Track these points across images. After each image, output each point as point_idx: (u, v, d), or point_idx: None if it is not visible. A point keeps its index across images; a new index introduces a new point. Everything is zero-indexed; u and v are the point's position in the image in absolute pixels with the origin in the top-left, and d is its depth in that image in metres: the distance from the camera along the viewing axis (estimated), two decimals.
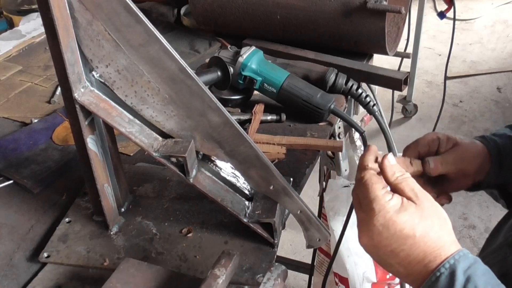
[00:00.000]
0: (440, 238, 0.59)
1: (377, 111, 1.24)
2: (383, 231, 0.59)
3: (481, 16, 4.04)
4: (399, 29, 1.51)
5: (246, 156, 0.80)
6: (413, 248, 0.58)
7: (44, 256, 0.87)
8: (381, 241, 0.59)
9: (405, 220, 0.59)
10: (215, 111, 0.76)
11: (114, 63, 0.73)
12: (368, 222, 0.60)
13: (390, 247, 0.59)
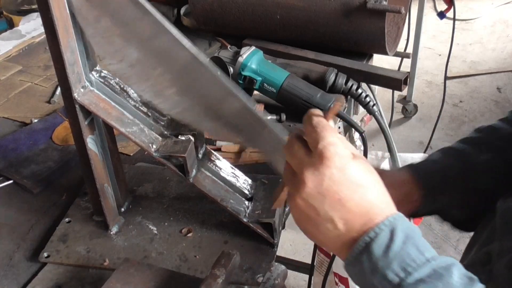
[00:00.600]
0: (385, 193, 0.57)
1: (377, 111, 1.24)
2: (337, 175, 0.54)
3: (481, 16, 4.04)
4: (399, 29, 1.51)
5: (268, 141, 0.74)
6: (363, 198, 0.55)
7: (44, 256, 0.87)
8: (331, 187, 0.54)
9: (360, 168, 0.56)
10: (231, 98, 0.72)
11: (126, 58, 0.72)
12: (320, 168, 0.55)
13: (339, 195, 0.54)
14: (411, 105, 3.00)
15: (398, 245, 0.52)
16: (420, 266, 0.52)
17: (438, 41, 3.68)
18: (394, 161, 1.48)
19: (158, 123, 0.85)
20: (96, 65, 0.80)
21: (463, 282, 0.52)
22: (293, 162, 0.58)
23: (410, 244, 0.53)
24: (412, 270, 0.52)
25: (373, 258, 0.53)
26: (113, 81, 0.81)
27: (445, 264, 0.53)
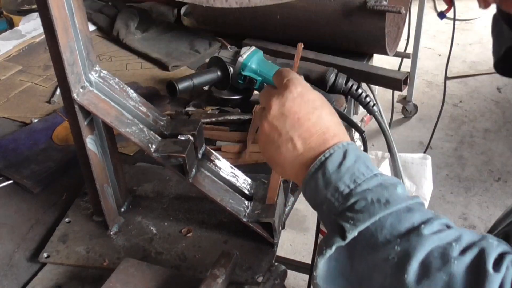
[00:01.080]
0: (340, 123, 0.65)
1: (377, 111, 1.24)
2: (297, 98, 0.63)
3: (481, 16, 4.04)
4: (399, 29, 1.51)
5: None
6: (319, 119, 0.62)
7: (44, 256, 0.87)
8: (292, 107, 0.62)
9: (317, 95, 0.65)
10: None
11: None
12: (283, 94, 0.63)
13: (298, 115, 0.62)
14: (411, 105, 3.00)
15: (349, 162, 0.59)
16: (368, 179, 0.58)
17: (438, 41, 3.68)
18: (394, 161, 1.48)
19: (158, 123, 0.85)
20: (96, 65, 0.80)
21: (407, 194, 0.58)
22: (263, 100, 0.66)
23: (360, 162, 0.60)
24: (361, 182, 0.58)
25: (327, 173, 0.59)
26: (112, 81, 0.81)
27: (391, 180, 0.59)
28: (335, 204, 0.59)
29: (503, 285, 0.51)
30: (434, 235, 0.54)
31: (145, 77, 1.41)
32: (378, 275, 0.55)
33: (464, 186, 2.58)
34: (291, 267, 1.82)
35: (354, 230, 0.56)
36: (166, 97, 1.29)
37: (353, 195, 0.58)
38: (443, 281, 0.51)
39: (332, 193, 0.59)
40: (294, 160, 0.63)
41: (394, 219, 0.56)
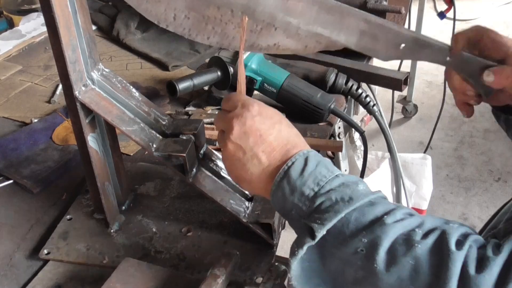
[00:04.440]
0: (299, 134, 0.68)
1: (377, 111, 1.24)
2: (256, 116, 0.66)
3: (481, 16, 4.04)
4: None
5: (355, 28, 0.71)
6: (279, 133, 0.66)
7: (44, 253, 0.87)
8: (253, 125, 0.65)
9: (274, 111, 0.68)
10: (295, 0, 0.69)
11: (178, 11, 0.69)
12: (243, 114, 0.66)
13: (260, 132, 0.65)
14: (411, 105, 3.00)
15: (311, 168, 0.62)
16: (331, 180, 0.61)
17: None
18: (394, 161, 1.49)
19: (159, 122, 0.85)
20: (98, 63, 0.80)
21: (368, 190, 0.62)
22: (221, 124, 0.69)
23: (321, 166, 0.63)
24: (324, 184, 0.61)
25: (292, 180, 0.62)
26: (114, 80, 0.81)
27: (352, 178, 0.63)
28: (303, 208, 0.61)
29: (466, 262, 0.53)
30: (397, 223, 0.57)
31: (145, 77, 1.41)
32: (349, 269, 0.58)
33: (464, 186, 2.58)
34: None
35: (322, 229, 0.58)
36: (166, 97, 1.29)
37: (318, 197, 0.61)
38: (410, 265, 0.54)
39: (299, 198, 0.62)
40: (261, 174, 0.65)
41: (358, 214, 0.58)
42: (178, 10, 0.69)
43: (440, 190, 2.52)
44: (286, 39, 0.72)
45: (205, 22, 0.70)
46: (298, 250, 0.59)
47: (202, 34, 0.71)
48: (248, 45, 0.72)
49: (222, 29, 0.71)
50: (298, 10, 0.70)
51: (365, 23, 0.71)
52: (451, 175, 2.64)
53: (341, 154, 1.55)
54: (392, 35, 0.72)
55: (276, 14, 0.70)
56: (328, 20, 0.70)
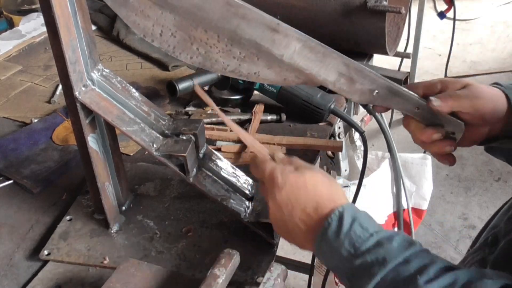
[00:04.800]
0: (330, 190, 0.68)
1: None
2: (283, 188, 0.67)
3: (481, 16, 4.04)
4: (399, 29, 1.51)
5: (336, 71, 0.73)
6: (308, 198, 0.66)
7: (44, 254, 0.87)
8: (282, 199, 0.67)
9: (298, 176, 0.68)
10: (281, 33, 0.70)
11: (165, 28, 0.70)
12: (272, 188, 0.68)
13: (290, 203, 0.67)
14: None
15: (346, 228, 0.62)
16: (365, 240, 0.61)
17: (438, 41, 3.68)
18: (394, 161, 1.48)
19: (159, 122, 0.85)
20: (98, 64, 0.80)
21: (403, 245, 0.60)
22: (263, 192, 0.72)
23: (356, 224, 0.62)
24: (359, 245, 0.61)
25: (329, 243, 0.62)
26: (114, 80, 0.81)
27: (387, 235, 0.62)
28: (344, 268, 0.62)
29: None
30: (429, 284, 0.56)
31: (145, 77, 1.41)
32: None
33: (464, 186, 2.58)
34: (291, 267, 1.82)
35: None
36: (166, 97, 1.29)
37: (355, 259, 0.61)
38: None
39: (339, 259, 0.62)
40: (304, 239, 0.67)
41: (393, 274, 0.58)
42: (166, 27, 0.70)
43: (440, 190, 2.52)
44: (267, 70, 0.73)
45: (190, 42, 0.71)
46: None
47: (186, 53, 0.72)
48: (229, 70, 0.73)
49: (206, 51, 0.72)
50: (282, 44, 0.71)
51: (344, 66, 0.73)
52: (451, 175, 2.64)
53: (341, 154, 1.55)
54: (368, 81, 0.74)
55: (261, 45, 0.71)
56: (310, 58, 0.72)
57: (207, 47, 0.72)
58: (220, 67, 0.73)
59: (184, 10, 0.69)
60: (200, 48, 0.72)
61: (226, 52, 0.72)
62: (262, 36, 0.70)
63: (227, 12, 0.68)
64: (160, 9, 0.69)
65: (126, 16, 0.69)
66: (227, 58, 0.72)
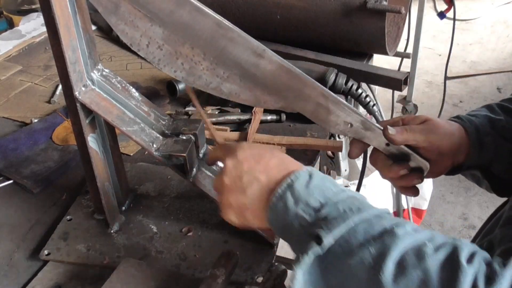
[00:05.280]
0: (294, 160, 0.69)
1: (377, 111, 1.24)
2: (247, 148, 0.68)
3: (481, 16, 4.04)
4: (399, 29, 1.51)
5: (312, 99, 0.75)
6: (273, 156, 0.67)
7: (44, 254, 0.87)
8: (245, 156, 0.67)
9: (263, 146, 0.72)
10: (266, 59, 0.71)
11: (153, 40, 0.71)
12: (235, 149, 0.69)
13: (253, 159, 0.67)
14: (411, 105, 2.99)
15: (317, 181, 0.62)
16: (338, 193, 0.61)
17: (438, 41, 3.68)
18: None
19: (159, 122, 0.85)
20: (98, 64, 0.80)
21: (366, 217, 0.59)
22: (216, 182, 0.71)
23: (327, 181, 0.63)
24: (331, 196, 0.61)
25: (296, 192, 0.61)
26: (114, 80, 0.81)
27: (360, 194, 0.62)
28: (307, 218, 0.60)
29: (476, 277, 0.52)
30: (408, 235, 0.56)
31: (145, 77, 1.41)
32: (352, 283, 0.56)
33: (464, 186, 2.58)
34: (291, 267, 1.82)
35: (329, 234, 0.56)
36: (166, 97, 1.29)
37: (325, 207, 0.59)
38: (419, 278, 0.52)
39: (303, 209, 0.60)
40: (261, 194, 0.65)
41: (367, 225, 0.57)
42: (153, 39, 0.71)
43: (440, 190, 2.52)
44: (248, 92, 0.75)
45: (176, 57, 0.72)
46: (303, 257, 0.57)
47: (170, 67, 0.73)
48: (211, 87, 0.75)
49: (190, 67, 0.73)
50: (266, 69, 0.72)
51: (322, 97, 0.75)
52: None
53: (341, 154, 1.55)
54: (343, 114, 0.76)
55: (246, 68, 0.73)
56: (290, 86, 0.74)
57: (192, 63, 0.73)
58: (203, 84, 0.74)
59: (174, 26, 0.70)
60: (185, 63, 0.73)
61: (210, 70, 0.73)
62: (247, 60, 0.72)
63: (216, 33, 0.70)
64: (150, 21, 0.69)
65: (115, 24, 0.70)
66: (211, 76, 0.74)
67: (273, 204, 0.62)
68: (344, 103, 0.76)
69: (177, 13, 0.69)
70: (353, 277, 0.56)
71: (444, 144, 0.79)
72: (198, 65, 0.73)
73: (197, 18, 0.69)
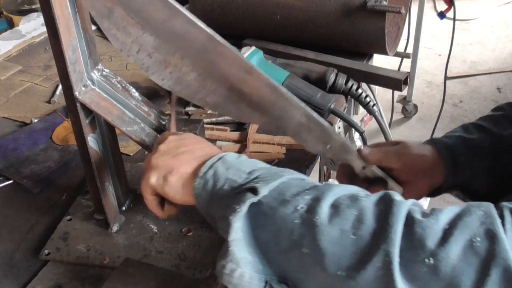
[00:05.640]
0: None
1: (377, 111, 1.24)
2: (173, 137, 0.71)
3: (481, 16, 4.04)
4: (399, 29, 1.51)
5: (294, 118, 0.76)
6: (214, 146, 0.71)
7: (44, 254, 0.87)
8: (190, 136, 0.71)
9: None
10: (253, 76, 0.73)
11: (143, 48, 0.71)
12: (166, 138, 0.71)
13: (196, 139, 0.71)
14: (411, 105, 3.00)
15: (245, 158, 0.65)
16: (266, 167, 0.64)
17: (438, 41, 3.68)
18: None
19: (159, 122, 0.85)
20: (98, 64, 0.80)
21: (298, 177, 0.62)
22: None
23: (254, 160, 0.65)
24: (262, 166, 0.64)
25: (227, 161, 0.63)
26: (114, 80, 0.81)
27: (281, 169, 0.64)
28: (238, 180, 0.61)
29: (411, 210, 0.53)
30: (341, 187, 0.59)
31: (145, 77, 1.40)
32: (285, 232, 0.56)
33: None
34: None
35: (264, 186, 0.57)
36: (166, 97, 1.29)
37: (256, 171, 0.62)
38: (354, 216, 0.54)
39: (234, 173, 0.62)
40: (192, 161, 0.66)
41: (300, 181, 0.60)
42: (144, 47, 0.71)
43: None
44: (233, 106, 0.76)
45: (165, 65, 0.73)
46: (239, 206, 0.57)
47: (158, 75, 0.74)
48: (197, 98, 0.76)
49: (178, 77, 0.74)
50: (253, 85, 0.73)
51: (305, 117, 0.76)
52: None
53: None
54: (324, 135, 0.78)
55: (233, 82, 0.73)
56: (275, 104, 0.75)
57: (180, 73, 0.74)
58: (189, 94, 0.75)
59: (166, 35, 0.70)
60: (173, 72, 0.74)
61: (197, 82, 0.74)
62: (235, 75, 0.73)
63: (207, 46, 0.70)
64: (142, 29, 0.70)
65: (107, 29, 0.70)
66: (197, 87, 0.75)
67: (202, 173, 0.63)
68: (326, 124, 0.78)
69: (170, 24, 0.69)
70: (286, 226, 0.56)
71: (418, 165, 0.80)
72: (186, 75, 0.74)
73: (190, 30, 0.69)
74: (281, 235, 0.56)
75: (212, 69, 0.73)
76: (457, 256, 0.49)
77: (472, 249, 0.50)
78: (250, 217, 0.58)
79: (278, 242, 0.57)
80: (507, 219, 0.51)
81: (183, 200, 0.67)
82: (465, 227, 0.51)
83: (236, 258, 0.56)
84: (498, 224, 0.51)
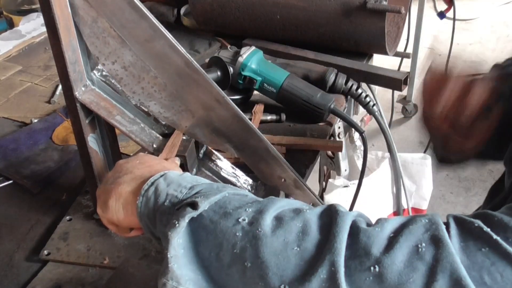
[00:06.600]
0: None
1: (377, 111, 1.24)
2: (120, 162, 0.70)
3: (481, 16, 4.04)
4: (399, 29, 1.51)
5: (255, 150, 0.78)
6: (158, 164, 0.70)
7: (44, 254, 0.87)
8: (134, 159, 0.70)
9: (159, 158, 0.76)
10: (223, 105, 0.74)
11: (120, 60, 0.72)
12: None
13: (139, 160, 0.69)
14: (411, 105, 3.00)
15: (187, 175, 0.64)
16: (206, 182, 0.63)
17: (438, 41, 3.68)
18: (394, 161, 1.49)
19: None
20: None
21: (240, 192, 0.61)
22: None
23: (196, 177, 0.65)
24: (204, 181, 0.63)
25: (169, 178, 0.62)
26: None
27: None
28: (178, 196, 0.59)
29: (356, 220, 0.53)
30: (285, 200, 0.58)
31: None
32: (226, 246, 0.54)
33: (464, 186, 2.58)
34: None
35: (204, 201, 0.56)
36: None
37: (198, 186, 0.60)
38: (298, 228, 0.53)
39: (175, 188, 0.60)
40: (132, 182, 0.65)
41: (242, 196, 0.59)
42: (121, 59, 0.72)
43: (440, 190, 2.52)
44: (199, 129, 0.79)
45: (138, 80, 0.74)
46: (178, 222, 0.55)
47: (130, 87, 0.75)
48: (164, 116, 0.78)
49: (149, 94, 0.75)
50: (220, 114, 0.75)
51: (265, 151, 0.79)
52: (451, 175, 2.64)
53: (341, 154, 1.55)
54: (280, 169, 0.80)
55: (202, 108, 0.75)
56: (239, 134, 0.78)
57: (152, 90, 0.75)
58: (157, 111, 0.77)
59: (144, 54, 0.71)
60: (145, 88, 0.75)
61: (167, 101, 0.76)
62: (205, 102, 0.74)
63: (183, 71, 0.71)
64: (121, 43, 0.70)
65: (88, 36, 0.71)
66: (166, 106, 0.76)
67: (144, 190, 0.62)
68: (283, 160, 0.80)
69: (150, 44, 0.70)
70: (227, 240, 0.54)
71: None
72: (157, 93, 0.75)
73: (169, 53, 0.70)
74: (223, 249, 0.54)
75: (184, 92, 0.74)
76: (403, 262, 0.49)
77: (417, 254, 0.49)
78: (191, 232, 0.56)
79: (220, 257, 0.54)
80: (452, 225, 0.51)
81: (128, 221, 0.65)
82: (410, 234, 0.51)
83: (176, 275, 0.54)
84: (443, 229, 0.51)
